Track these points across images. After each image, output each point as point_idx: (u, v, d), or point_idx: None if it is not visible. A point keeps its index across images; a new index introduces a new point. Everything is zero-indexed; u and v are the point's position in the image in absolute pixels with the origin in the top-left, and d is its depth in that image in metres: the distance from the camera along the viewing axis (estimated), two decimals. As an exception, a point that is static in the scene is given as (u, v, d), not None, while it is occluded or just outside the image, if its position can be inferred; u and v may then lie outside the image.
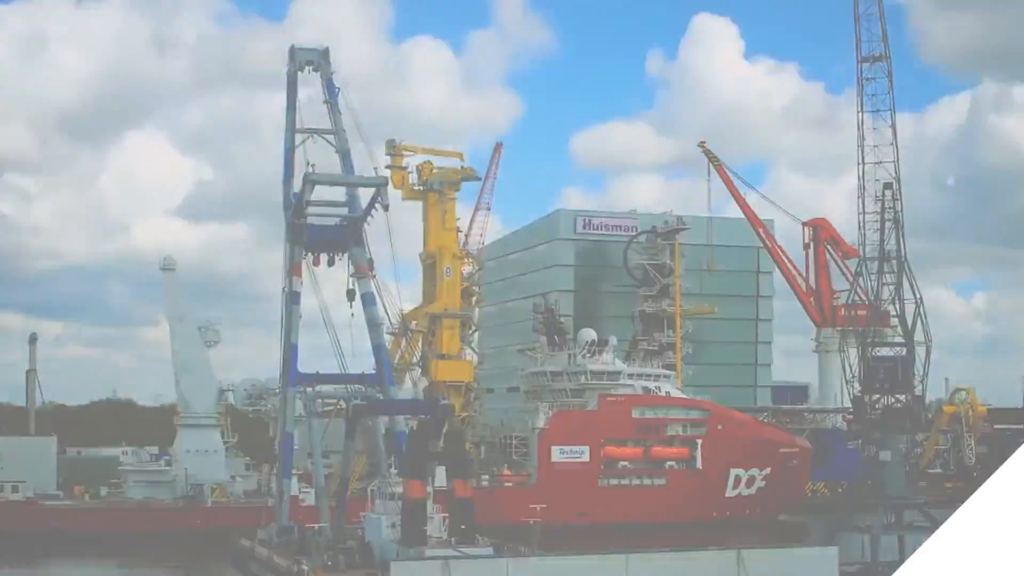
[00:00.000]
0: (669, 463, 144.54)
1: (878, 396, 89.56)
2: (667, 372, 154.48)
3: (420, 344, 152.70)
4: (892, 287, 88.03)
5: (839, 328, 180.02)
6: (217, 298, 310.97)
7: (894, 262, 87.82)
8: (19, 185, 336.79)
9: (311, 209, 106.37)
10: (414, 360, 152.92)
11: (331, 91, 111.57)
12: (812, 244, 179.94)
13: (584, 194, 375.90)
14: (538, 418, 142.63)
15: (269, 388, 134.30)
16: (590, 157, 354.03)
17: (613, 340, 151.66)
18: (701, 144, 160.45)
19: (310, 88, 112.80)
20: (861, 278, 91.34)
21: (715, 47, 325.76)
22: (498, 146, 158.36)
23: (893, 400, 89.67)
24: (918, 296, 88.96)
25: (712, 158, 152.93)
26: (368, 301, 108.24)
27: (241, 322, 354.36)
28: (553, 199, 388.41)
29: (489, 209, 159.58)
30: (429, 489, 79.69)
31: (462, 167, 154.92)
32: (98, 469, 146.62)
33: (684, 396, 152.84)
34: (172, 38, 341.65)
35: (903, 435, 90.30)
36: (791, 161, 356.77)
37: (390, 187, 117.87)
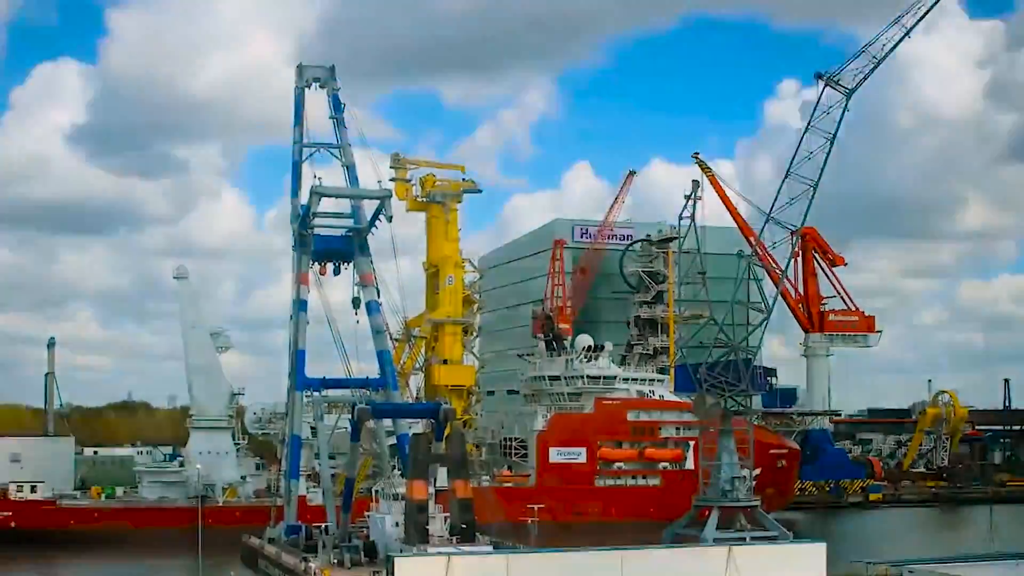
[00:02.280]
0: (663, 464, 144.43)
1: None
2: (661, 376, 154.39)
3: (423, 350, 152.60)
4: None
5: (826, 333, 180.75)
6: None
7: None
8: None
9: (318, 220, 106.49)
10: (417, 365, 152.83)
11: (337, 107, 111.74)
12: (801, 252, 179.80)
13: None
14: (537, 420, 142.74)
15: (278, 413, 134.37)
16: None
17: (609, 345, 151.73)
18: (694, 155, 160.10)
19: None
20: None
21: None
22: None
23: None
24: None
25: (705, 168, 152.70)
26: (373, 308, 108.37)
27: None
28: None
29: None
30: (431, 489, 79.69)
31: (463, 179, 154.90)
32: (114, 469, 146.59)
33: (677, 399, 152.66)
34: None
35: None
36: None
37: (394, 199, 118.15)
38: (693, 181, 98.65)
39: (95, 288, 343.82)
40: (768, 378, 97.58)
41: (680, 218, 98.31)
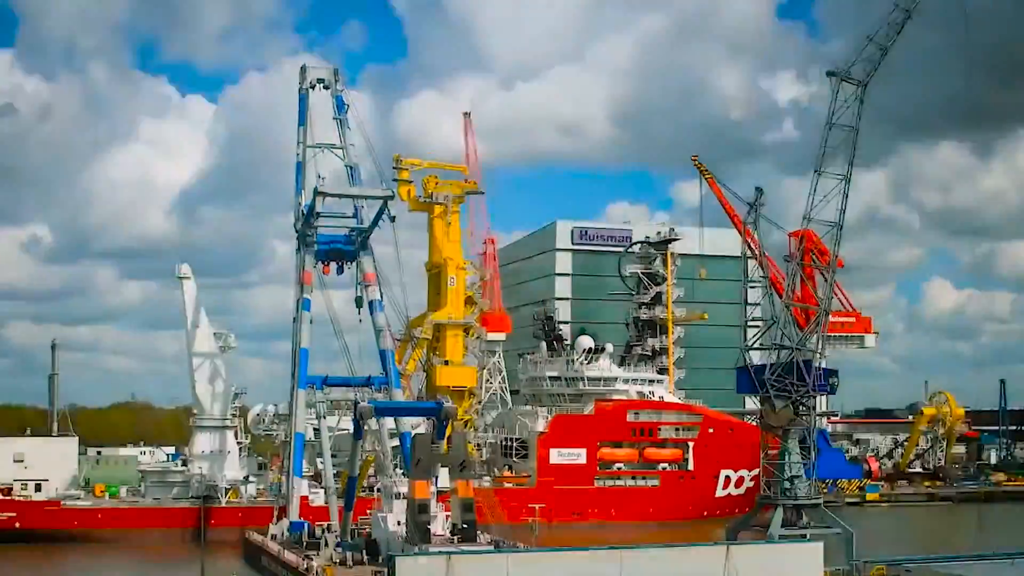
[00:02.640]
0: (662, 465, 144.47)
1: None
2: (660, 377, 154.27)
3: (425, 351, 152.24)
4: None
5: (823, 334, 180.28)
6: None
7: None
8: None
9: (321, 220, 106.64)
10: (419, 366, 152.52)
11: (340, 108, 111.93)
12: (799, 254, 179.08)
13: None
14: (537, 421, 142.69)
15: (280, 414, 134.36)
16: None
17: (609, 347, 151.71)
18: (693, 159, 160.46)
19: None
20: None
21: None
22: None
23: None
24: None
25: (704, 171, 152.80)
26: (375, 307, 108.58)
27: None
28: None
29: None
30: (433, 489, 79.78)
31: (465, 180, 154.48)
32: (117, 469, 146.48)
33: (676, 400, 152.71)
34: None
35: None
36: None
37: (396, 200, 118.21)
38: (756, 189, 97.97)
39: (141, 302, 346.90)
40: (831, 379, 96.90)
41: (745, 224, 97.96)
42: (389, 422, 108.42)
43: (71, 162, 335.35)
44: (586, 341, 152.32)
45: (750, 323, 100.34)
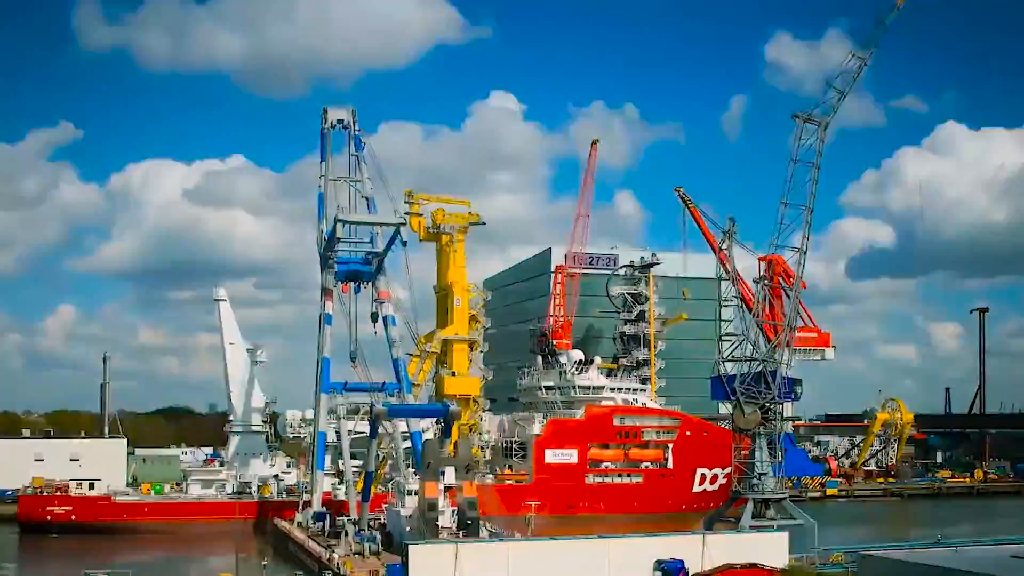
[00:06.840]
0: (645, 464, 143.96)
1: None
2: (643, 386, 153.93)
3: (434, 363, 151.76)
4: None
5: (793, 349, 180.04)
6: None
7: None
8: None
9: (340, 245, 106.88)
10: (429, 377, 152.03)
11: (358, 145, 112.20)
12: (769, 277, 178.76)
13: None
14: (534, 426, 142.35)
15: (306, 419, 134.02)
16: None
17: (597, 360, 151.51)
18: (676, 190, 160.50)
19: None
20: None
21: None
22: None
23: None
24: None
25: (686, 201, 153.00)
26: (389, 322, 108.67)
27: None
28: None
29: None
30: (441, 486, 79.59)
31: (469, 213, 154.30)
32: (162, 468, 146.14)
33: (658, 406, 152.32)
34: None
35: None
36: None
37: (408, 229, 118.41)
38: (729, 218, 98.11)
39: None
40: (795, 387, 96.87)
41: (720, 249, 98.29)
42: (402, 425, 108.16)
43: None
44: (577, 354, 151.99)
45: (724, 337, 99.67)
